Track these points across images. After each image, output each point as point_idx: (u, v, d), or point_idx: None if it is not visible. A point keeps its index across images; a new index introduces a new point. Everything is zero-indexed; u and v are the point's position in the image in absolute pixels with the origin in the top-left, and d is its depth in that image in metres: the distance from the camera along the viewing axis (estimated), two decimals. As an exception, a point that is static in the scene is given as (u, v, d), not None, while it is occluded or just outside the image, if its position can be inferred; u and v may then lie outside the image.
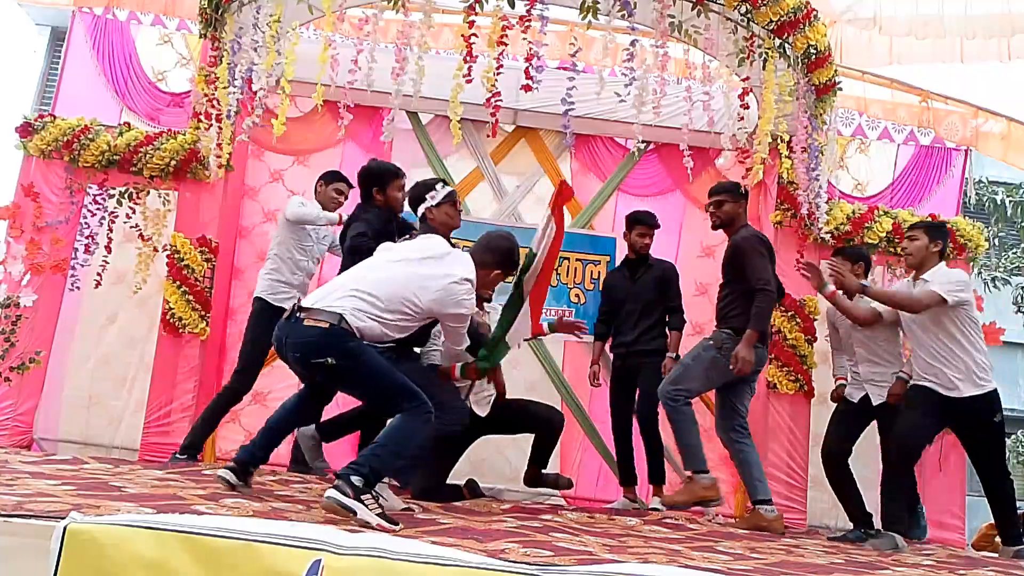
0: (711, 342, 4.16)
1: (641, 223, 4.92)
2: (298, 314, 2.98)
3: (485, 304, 4.22)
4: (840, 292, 4.08)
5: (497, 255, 3.42)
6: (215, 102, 4.51)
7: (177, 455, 4.23)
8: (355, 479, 2.70)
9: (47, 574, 1.69)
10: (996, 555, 4.25)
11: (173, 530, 1.73)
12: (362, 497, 2.67)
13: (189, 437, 4.31)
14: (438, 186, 3.64)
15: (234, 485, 3.07)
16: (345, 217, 4.24)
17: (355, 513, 2.60)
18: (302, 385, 3.33)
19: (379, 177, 4.01)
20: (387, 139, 4.09)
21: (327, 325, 2.93)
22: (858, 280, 4.14)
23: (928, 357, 3.89)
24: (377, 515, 2.65)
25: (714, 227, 4.36)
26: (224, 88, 4.38)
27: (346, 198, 4.54)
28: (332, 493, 2.65)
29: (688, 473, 4.14)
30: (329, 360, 2.92)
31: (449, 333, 3.30)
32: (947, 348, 3.85)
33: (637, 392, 4.78)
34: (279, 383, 5.08)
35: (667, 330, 4.78)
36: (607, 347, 5.05)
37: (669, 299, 4.78)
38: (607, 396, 5.58)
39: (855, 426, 4.34)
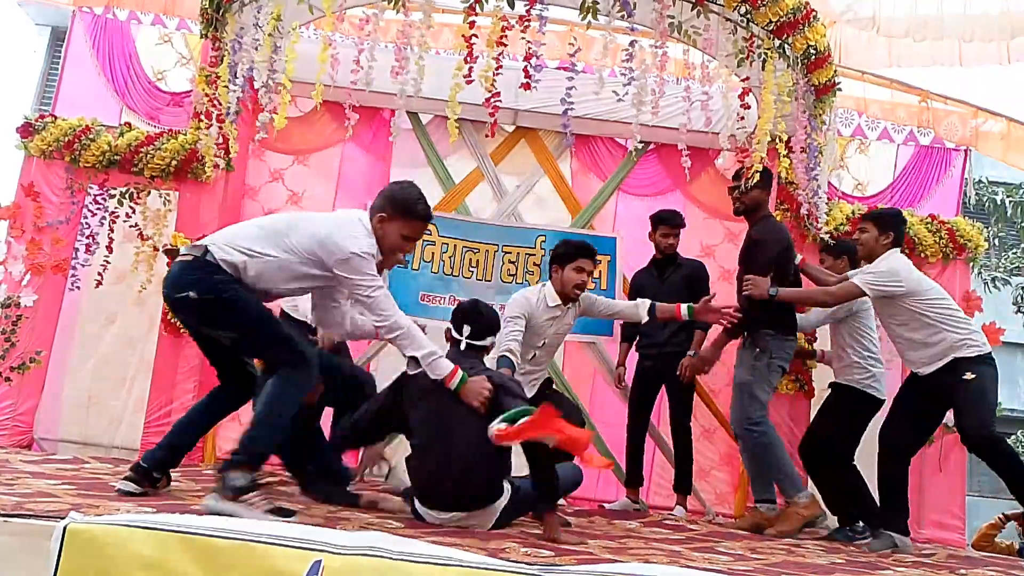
0: (757, 349, 4.08)
1: (665, 223, 4.87)
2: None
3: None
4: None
5: (391, 201, 2.97)
6: (216, 102, 4.51)
7: None
8: (233, 479, 2.53)
9: (47, 574, 1.69)
10: (996, 555, 4.24)
11: (173, 530, 1.73)
12: (243, 498, 2.51)
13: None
14: None
15: (135, 493, 2.78)
16: None
17: (240, 517, 2.26)
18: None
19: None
20: (394, 139, 4.07)
21: (190, 258, 2.79)
22: (836, 273, 4.41)
23: (903, 349, 3.93)
24: (266, 510, 2.52)
25: (736, 212, 4.34)
26: (225, 87, 4.38)
27: None
28: (209, 501, 2.49)
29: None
30: (191, 294, 2.73)
31: (353, 296, 2.92)
32: (911, 340, 3.84)
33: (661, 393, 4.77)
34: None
35: (694, 329, 4.69)
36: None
37: (699, 299, 4.68)
38: (607, 397, 5.59)
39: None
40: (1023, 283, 10.87)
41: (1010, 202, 11.17)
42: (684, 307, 3.98)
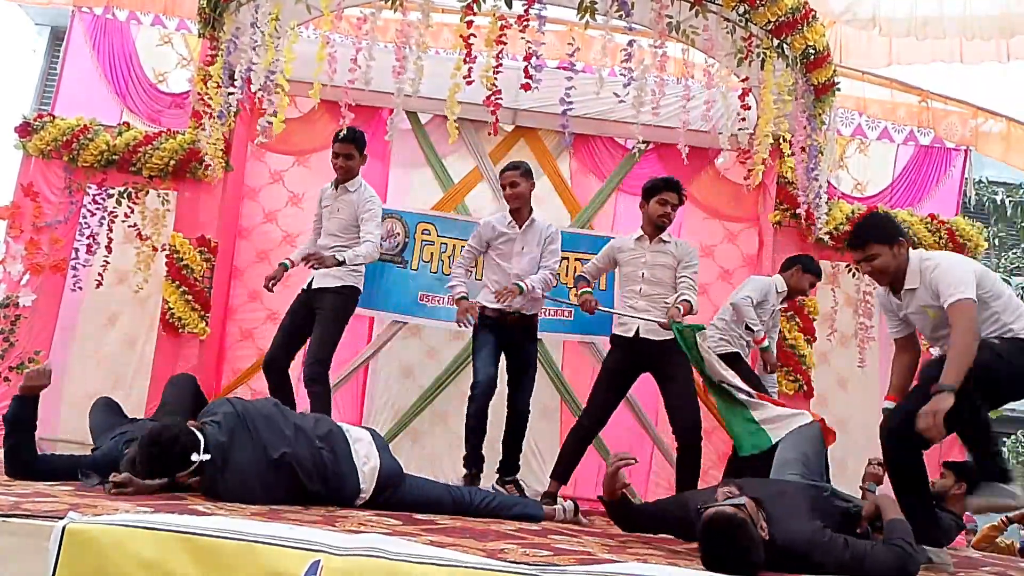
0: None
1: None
2: None
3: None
4: None
5: None
6: (210, 101, 4.51)
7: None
8: None
9: (45, 574, 1.69)
10: (997, 555, 4.23)
11: (172, 530, 1.73)
12: None
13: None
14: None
15: None
16: None
17: None
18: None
19: None
20: (390, 138, 4.09)
21: None
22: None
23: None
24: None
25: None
26: (216, 87, 4.37)
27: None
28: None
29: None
30: None
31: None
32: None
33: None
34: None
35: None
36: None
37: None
38: (606, 396, 5.58)
39: None
40: (1023, 283, 10.87)
41: (1010, 202, 11.17)
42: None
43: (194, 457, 2.76)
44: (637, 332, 4.08)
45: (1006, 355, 3.00)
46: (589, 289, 4.27)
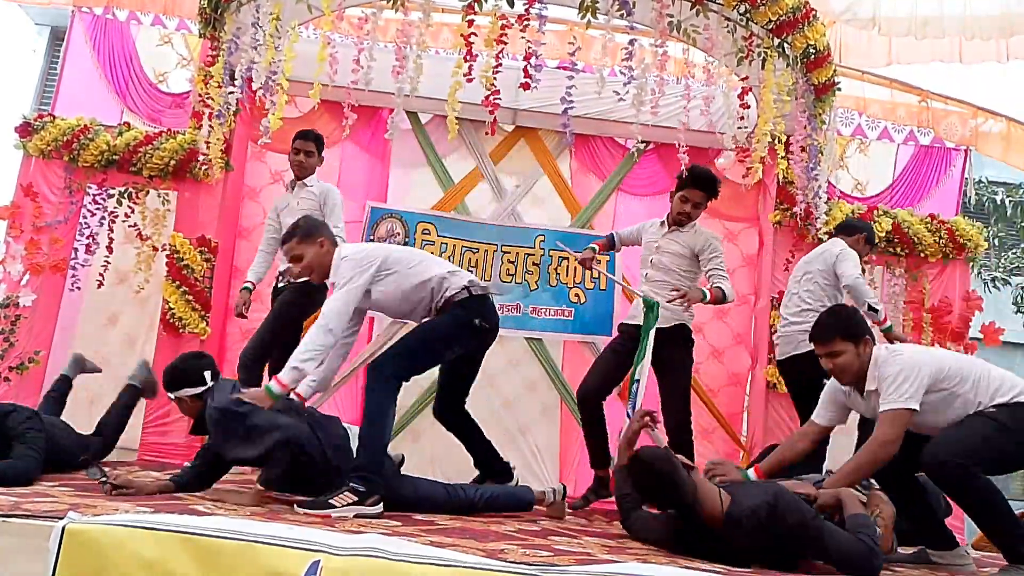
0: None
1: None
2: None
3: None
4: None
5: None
6: (210, 101, 4.51)
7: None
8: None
9: (45, 574, 1.69)
10: (997, 555, 4.20)
11: (172, 530, 1.73)
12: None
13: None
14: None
15: None
16: None
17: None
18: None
19: None
20: (391, 136, 4.09)
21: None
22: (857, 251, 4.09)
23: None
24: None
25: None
26: (217, 87, 4.38)
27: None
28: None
29: None
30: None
31: None
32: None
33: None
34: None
35: None
36: None
37: None
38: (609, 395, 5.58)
39: None
40: (1023, 283, 10.86)
41: (1010, 202, 11.16)
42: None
43: (207, 376, 3.24)
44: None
45: (1004, 421, 2.90)
46: (596, 247, 4.29)
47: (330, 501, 2.89)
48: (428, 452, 5.46)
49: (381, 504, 2.98)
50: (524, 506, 3.53)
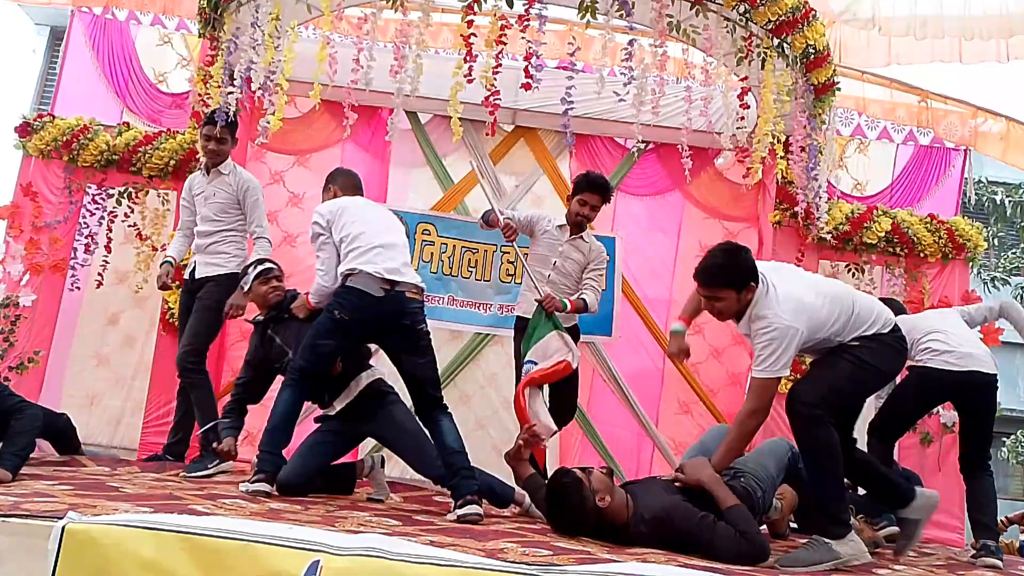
0: None
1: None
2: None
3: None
4: None
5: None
6: (210, 101, 4.51)
7: None
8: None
9: (45, 574, 1.69)
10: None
11: (171, 530, 1.73)
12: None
13: None
14: (249, 268, 3.84)
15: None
16: None
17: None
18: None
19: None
20: (391, 139, 4.09)
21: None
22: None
23: None
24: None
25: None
26: (217, 87, 4.37)
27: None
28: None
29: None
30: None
31: None
32: None
33: None
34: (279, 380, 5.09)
35: None
36: None
37: None
38: (606, 396, 5.59)
39: None
40: (1022, 283, 10.86)
41: (1009, 202, 11.15)
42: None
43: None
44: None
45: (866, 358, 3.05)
46: (512, 224, 4.35)
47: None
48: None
49: (264, 484, 3.23)
50: (502, 502, 3.61)
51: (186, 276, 4.38)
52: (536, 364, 3.93)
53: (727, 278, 3.01)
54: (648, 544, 2.78)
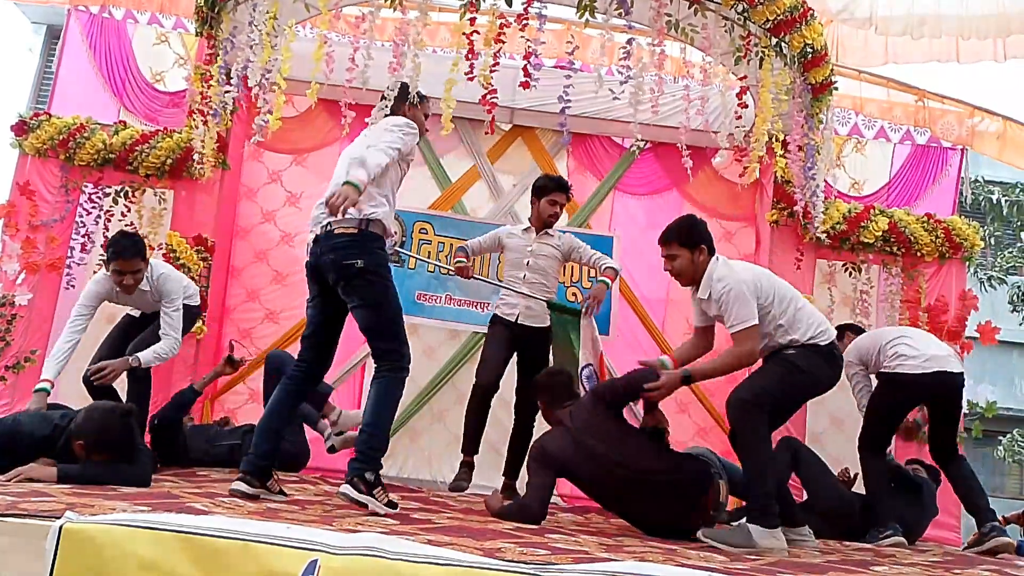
0: None
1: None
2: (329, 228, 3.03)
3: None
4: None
5: None
6: (208, 100, 4.51)
7: None
8: (367, 475, 2.89)
9: (43, 574, 1.68)
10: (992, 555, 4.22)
11: (170, 530, 1.72)
12: (374, 492, 2.87)
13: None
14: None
15: (250, 494, 2.98)
16: None
17: (366, 507, 2.83)
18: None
19: None
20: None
21: (356, 230, 3.01)
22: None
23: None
24: (384, 504, 2.88)
25: None
26: (210, 87, 4.37)
27: None
28: (345, 489, 2.87)
29: None
30: (358, 263, 2.95)
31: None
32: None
33: None
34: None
35: None
36: None
37: None
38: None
39: None
40: (1019, 282, 10.87)
41: (1006, 201, 11.16)
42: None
43: None
44: (517, 318, 4.28)
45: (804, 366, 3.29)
46: (465, 260, 4.37)
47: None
48: (425, 451, 5.47)
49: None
50: None
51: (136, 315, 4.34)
52: (592, 365, 4.02)
53: (679, 236, 3.42)
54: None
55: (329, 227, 3.06)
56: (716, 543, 3.04)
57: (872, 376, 4.32)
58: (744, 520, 3.18)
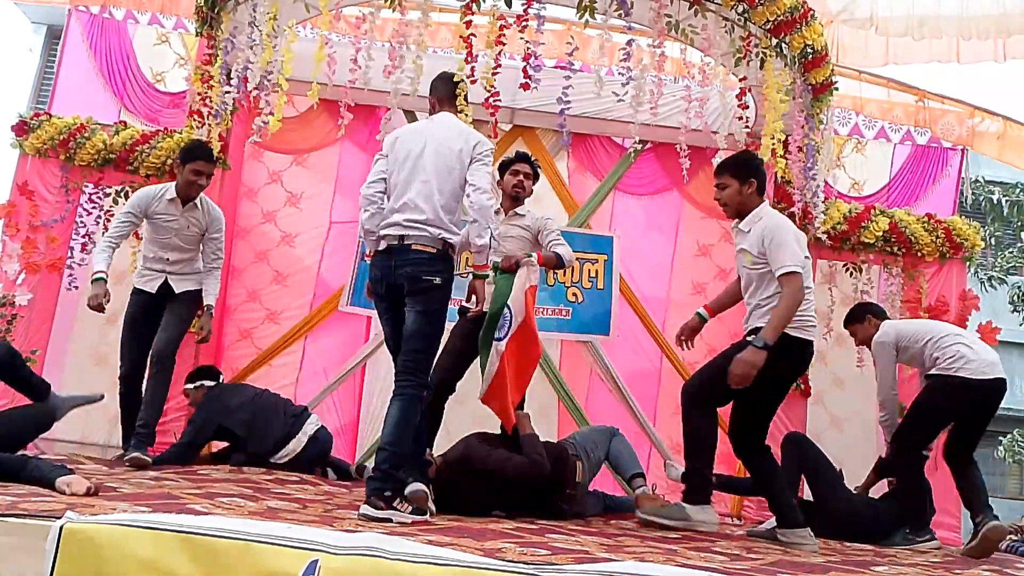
0: None
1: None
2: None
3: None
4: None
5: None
6: (208, 100, 4.51)
7: None
8: (387, 493, 2.90)
9: (43, 574, 1.68)
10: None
11: (170, 530, 1.72)
12: (394, 504, 2.88)
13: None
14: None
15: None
16: None
17: (391, 521, 2.78)
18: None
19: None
20: (382, 138, 4.08)
21: (434, 249, 3.18)
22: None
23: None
24: (409, 513, 2.88)
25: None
26: (217, 87, 4.37)
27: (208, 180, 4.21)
28: (365, 510, 2.82)
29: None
30: (436, 280, 3.14)
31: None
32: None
33: None
34: (278, 381, 5.10)
35: None
36: None
37: None
38: (604, 395, 5.59)
39: None
40: (1019, 282, 10.89)
41: (1006, 201, 11.18)
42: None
43: None
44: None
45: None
46: None
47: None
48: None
49: None
50: None
51: (150, 290, 4.35)
52: (511, 311, 3.79)
53: (733, 167, 3.53)
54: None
55: (405, 241, 3.18)
56: (657, 520, 3.41)
57: (918, 373, 4.26)
58: (679, 502, 3.49)
